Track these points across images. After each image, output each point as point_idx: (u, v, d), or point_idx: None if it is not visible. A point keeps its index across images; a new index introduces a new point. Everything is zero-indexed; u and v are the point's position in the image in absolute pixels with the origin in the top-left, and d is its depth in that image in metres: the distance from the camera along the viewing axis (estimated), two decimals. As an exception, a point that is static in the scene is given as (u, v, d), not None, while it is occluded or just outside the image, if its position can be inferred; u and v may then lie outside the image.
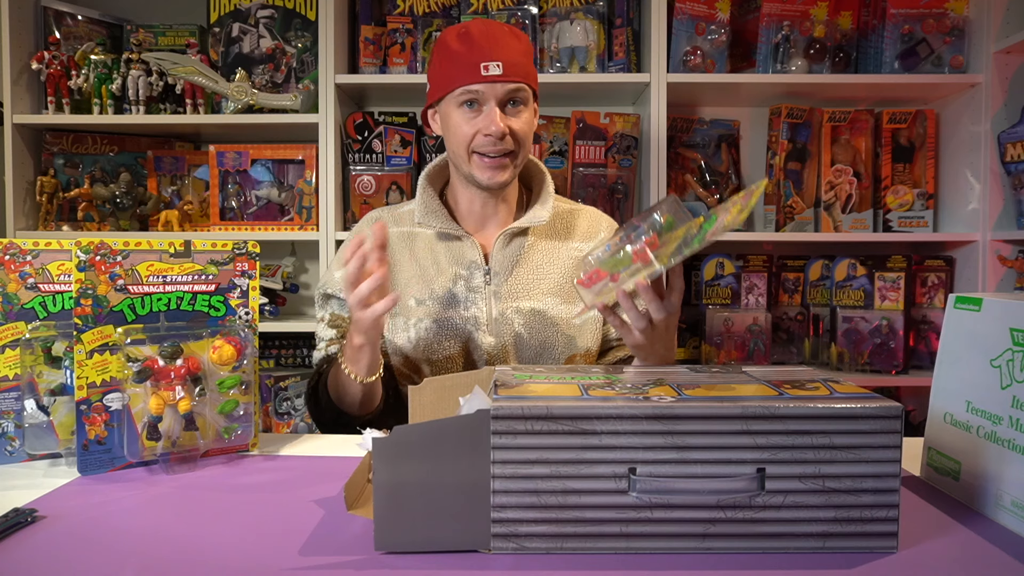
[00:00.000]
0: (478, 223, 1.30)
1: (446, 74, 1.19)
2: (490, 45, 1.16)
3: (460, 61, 1.17)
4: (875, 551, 0.67)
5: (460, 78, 1.16)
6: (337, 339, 1.28)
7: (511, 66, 1.16)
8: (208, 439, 0.97)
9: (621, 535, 0.66)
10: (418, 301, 1.25)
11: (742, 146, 2.28)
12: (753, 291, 2.13)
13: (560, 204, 1.35)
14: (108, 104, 2.06)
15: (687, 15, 2.01)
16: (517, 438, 0.66)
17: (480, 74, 1.15)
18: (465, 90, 1.17)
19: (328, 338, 1.28)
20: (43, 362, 0.97)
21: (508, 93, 1.17)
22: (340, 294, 1.28)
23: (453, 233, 1.26)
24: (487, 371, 0.87)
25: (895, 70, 2.03)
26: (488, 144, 1.18)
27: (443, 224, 1.26)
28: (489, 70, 1.15)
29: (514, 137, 1.19)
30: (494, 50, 1.16)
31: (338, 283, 1.28)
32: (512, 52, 1.17)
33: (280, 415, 2.14)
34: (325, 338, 1.29)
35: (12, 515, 0.75)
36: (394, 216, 1.34)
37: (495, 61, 1.15)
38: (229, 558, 0.67)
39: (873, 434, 0.65)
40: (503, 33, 1.19)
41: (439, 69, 1.21)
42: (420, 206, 1.28)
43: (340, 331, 1.28)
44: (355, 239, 1.02)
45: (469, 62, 1.16)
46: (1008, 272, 1.99)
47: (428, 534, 0.67)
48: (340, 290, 1.28)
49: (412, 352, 1.25)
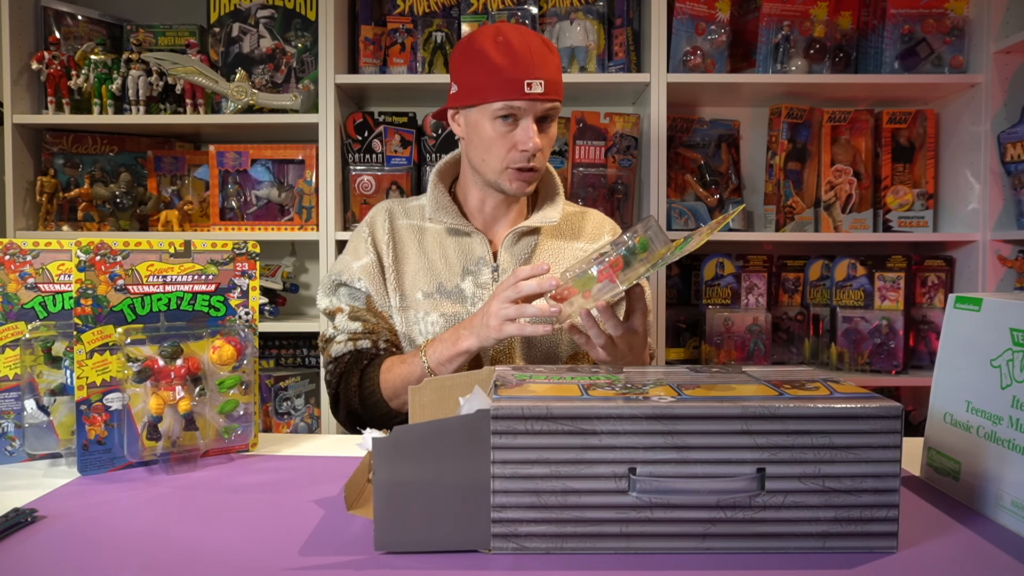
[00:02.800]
0: (487, 221, 1.31)
1: (486, 84, 1.18)
2: (533, 61, 1.16)
3: (502, 74, 1.16)
4: (875, 551, 0.67)
5: (503, 92, 1.16)
6: (363, 334, 1.26)
7: (551, 84, 1.18)
8: (208, 439, 0.97)
9: (621, 535, 0.67)
10: (425, 295, 1.27)
11: (742, 146, 2.28)
12: (753, 291, 2.14)
13: (569, 207, 1.38)
14: (108, 104, 2.06)
15: (687, 15, 2.01)
16: (517, 438, 0.66)
17: (524, 91, 1.16)
18: (507, 106, 1.17)
19: (351, 331, 1.27)
20: (43, 362, 0.97)
21: (545, 111, 1.19)
22: (356, 283, 1.28)
23: (463, 229, 1.28)
24: (487, 371, 0.87)
25: (895, 70, 2.03)
26: (522, 160, 1.20)
27: (453, 220, 1.28)
28: (532, 88, 1.16)
29: (544, 152, 1.22)
30: (537, 67, 1.16)
31: (356, 273, 1.28)
32: (552, 69, 1.19)
33: (280, 415, 2.14)
34: (347, 331, 1.27)
35: (12, 515, 0.75)
36: (404, 209, 1.35)
37: (538, 79, 1.16)
38: (229, 558, 0.67)
39: (873, 434, 0.65)
40: (541, 47, 1.19)
41: (476, 76, 1.20)
42: (431, 201, 1.29)
43: (366, 325, 1.27)
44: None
45: (513, 77, 1.16)
46: (1008, 272, 1.99)
47: (428, 534, 0.67)
48: (356, 279, 1.28)
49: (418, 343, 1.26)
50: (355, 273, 1.28)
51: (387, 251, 1.29)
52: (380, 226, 1.31)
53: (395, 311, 1.28)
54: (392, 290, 1.28)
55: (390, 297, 1.28)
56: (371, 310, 1.28)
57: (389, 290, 1.28)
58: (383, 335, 1.27)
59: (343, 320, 1.28)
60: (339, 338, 1.28)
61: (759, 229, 2.24)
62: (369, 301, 1.29)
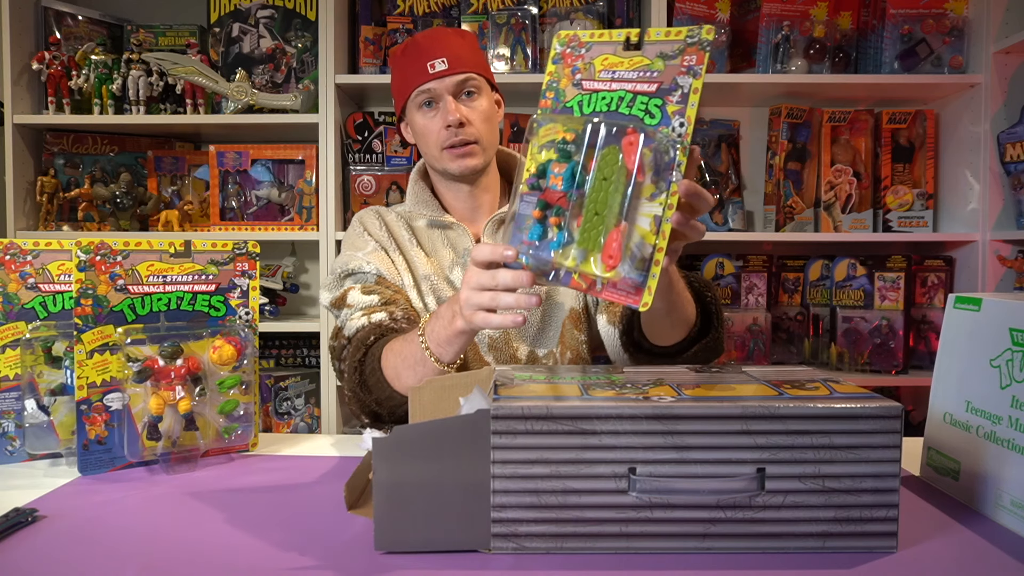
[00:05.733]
0: (466, 213, 1.32)
1: (401, 82, 1.25)
2: (432, 45, 1.22)
3: (409, 67, 1.22)
4: (875, 551, 0.67)
5: (411, 80, 1.22)
6: (380, 305, 1.18)
7: (455, 59, 1.21)
8: (208, 439, 0.97)
9: (621, 535, 0.67)
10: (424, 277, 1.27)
11: (742, 146, 2.28)
12: (753, 291, 2.14)
13: None
14: (108, 104, 2.06)
15: (687, 15, 2.01)
16: (517, 438, 0.66)
17: (428, 73, 1.20)
18: (419, 91, 1.21)
19: (366, 305, 1.18)
20: (43, 362, 0.97)
21: (458, 85, 1.22)
22: (365, 267, 1.22)
23: (444, 221, 1.29)
24: (487, 371, 0.87)
25: (895, 70, 2.03)
26: (451, 136, 1.21)
27: (434, 212, 1.29)
28: (435, 67, 1.20)
29: (473, 124, 1.22)
30: (437, 48, 1.21)
31: (363, 259, 1.23)
32: (455, 47, 1.22)
33: (280, 415, 2.14)
34: (361, 306, 1.19)
35: (12, 515, 0.75)
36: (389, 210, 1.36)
37: (440, 58, 1.21)
38: (229, 558, 0.67)
39: (873, 434, 0.65)
40: (446, 34, 1.26)
41: (395, 81, 1.28)
42: (411, 197, 1.31)
43: (382, 297, 1.19)
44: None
45: (417, 65, 1.21)
46: (1008, 272, 1.99)
47: (428, 534, 0.67)
48: (365, 263, 1.23)
49: None
50: (361, 260, 1.24)
51: (388, 240, 1.29)
52: (372, 223, 1.31)
53: (410, 288, 1.24)
54: (403, 270, 1.26)
55: (402, 276, 1.25)
56: (385, 285, 1.22)
57: (400, 270, 1.25)
58: (400, 304, 1.19)
59: (356, 295, 1.20)
60: (354, 315, 1.18)
61: (759, 229, 2.24)
62: (381, 279, 1.22)
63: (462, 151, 1.22)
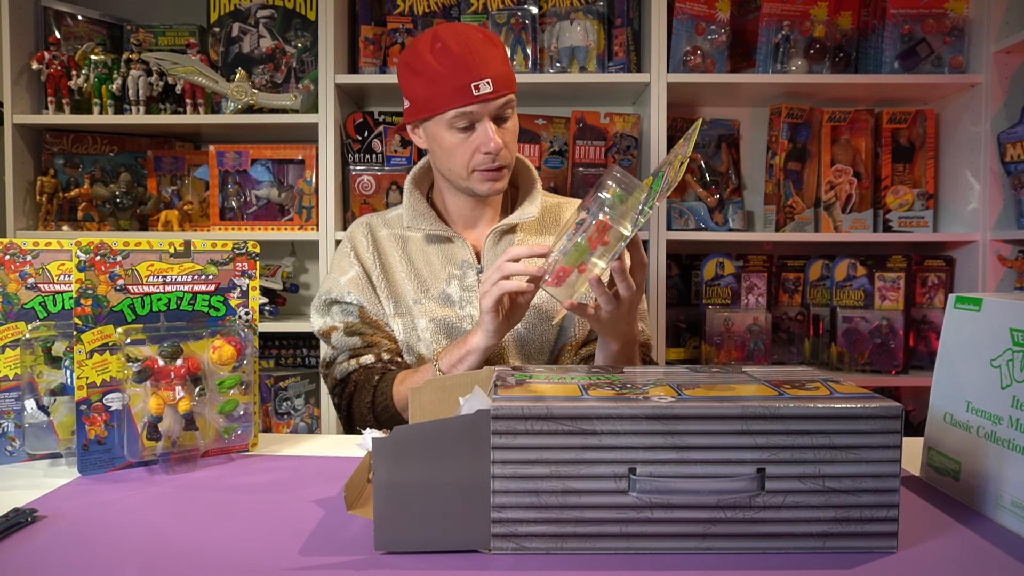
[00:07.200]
0: (467, 224, 1.30)
1: (433, 95, 1.16)
2: (475, 61, 1.13)
3: (447, 82, 1.14)
4: (875, 551, 0.67)
5: (452, 100, 1.14)
6: (363, 348, 1.25)
7: (499, 79, 1.15)
8: (208, 439, 0.97)
9: (621, 535, 0.66)
10: (414, 301, 1.26)
11: (742, 146, 2.28)
12: (753, 291, 2.14)
13: (547, 199, 1.35)
14: (108, 104, 2.06)
15: (687, 15, 2.01)
16: (517, 438, 0.66)
17: (472, 95, 1.13)
18: (459, 112, 1.15)
19: (351, 347, 1.25)
20: (43, 362, 0.97)
21: (499, 108, 1.17)
22: (346, 297, 1.26)
23: (443, 234, 1.27)
24: (487, 371, 0.87)
25: (895, 70, 2.03)
26: (487, 161, 1.18)
27: (432, 226, 1.27)
28: (481, 89, 1.13)
29: (507, 148, 1.20)
30: (480, 66, 1.13)
31: (344, 287, 1.26)
32: (496, 63, 1.16)
33: (280, 415, 2.14)
34: (346, 348, 1.25)
35: (12, 515, 0.75)
36: (383, 220, 1.34)
37: (485, 79, 1.13)
38: (229, 558, 0.67)
39: (873, 434, 0.65)
40: (482, 43, 1.16)
41: (423, 89, 1.17)
42: (408, 209, 1.28)
43: (364, 339, 1.25)
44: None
45: (458, 83, 1.13)
46: (1008, 272, 1.99)
47: (428, 534, 0.67)
48: (346, 292, 1.26)
49: (417, 350, 1.25)
50: (343, 287, 1.26)
51: (373, 262, 1.27)
52: (361, 240, 1.30)
53: (391, 318, 1.26)
54: (384, 298, 1.26)
55: (383, 304, 1.26)
56: (366, 321, 1.26)
57: (381, 298, 1.26)
58: (383, 345, 1.25)
59: (340, 337, 1.26)
60: (340, 358, 1.26)
61: (759, 229, 2.24)
62: (363, 312, 1.26)
63: (493, 175, 1.20)
